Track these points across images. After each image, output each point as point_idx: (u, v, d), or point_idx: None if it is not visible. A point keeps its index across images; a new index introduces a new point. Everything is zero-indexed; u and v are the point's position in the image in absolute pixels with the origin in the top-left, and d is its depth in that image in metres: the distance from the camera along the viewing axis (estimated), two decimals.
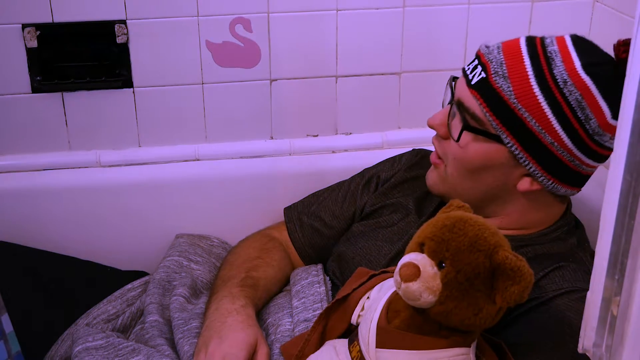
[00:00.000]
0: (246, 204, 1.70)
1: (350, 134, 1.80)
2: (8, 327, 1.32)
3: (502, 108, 1.19)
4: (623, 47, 1.17)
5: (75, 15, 1.59)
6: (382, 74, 1.76)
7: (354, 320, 1.14)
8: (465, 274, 0.98)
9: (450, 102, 1.27)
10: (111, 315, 1.45)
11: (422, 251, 1.02)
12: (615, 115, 1.19)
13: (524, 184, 1.24)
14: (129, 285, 1.52)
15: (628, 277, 0.73)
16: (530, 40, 1.23)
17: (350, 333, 1.14)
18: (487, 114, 1.20)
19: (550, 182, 1.23)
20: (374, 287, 1.16)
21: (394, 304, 1.07)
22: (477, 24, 1.74)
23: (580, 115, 1.18)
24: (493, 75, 1.20)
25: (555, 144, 1.19)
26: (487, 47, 1.25)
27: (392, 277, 1.16)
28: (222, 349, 1.20)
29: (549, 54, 1.20)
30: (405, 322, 1.04)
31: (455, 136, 1.24)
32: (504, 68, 1.20)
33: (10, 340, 1.31)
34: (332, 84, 1.75)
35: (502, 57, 1.21)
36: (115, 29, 1.61)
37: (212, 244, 1.66)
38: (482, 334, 1.09)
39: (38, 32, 1.59)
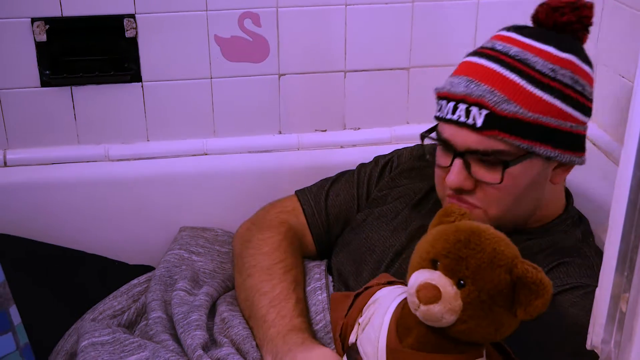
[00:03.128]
0: (254, 199, 1.69)
1: (359, 129, 1.80)
2: (16, 319, 1.32)
3: (523, 128, 1.18)
4: (558, 11, 1.23)
5: (84, 9, 1.60)
6: (391, 69, 1.76)
7: (352, 340, 1.10)
8: (487, 292, 0.94)
9: (458, 155, 1.22)
10: (117, 310, 1.44)
11: (435, 268, 0.97)
12: (592, 68, 1.26)
13: (559, 175, 1.27)
14: (135, 281, 1.51)
15: (637, 274, 0.73)
16: (487, 57, 1.23)
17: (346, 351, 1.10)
18: (515, 142, 1.18)
19: (579, 159, 1.26)
20: (364, 305, 1.11)
21: (403, 321, 1.02)
22: (486, 19, 1.73)
23: (578, 88, 1.22)
24: (496, 105, 1.17)
25: (573, 125, 1.22)
26: (456, 88, 1.22)
27: (379, 289, 1.12)
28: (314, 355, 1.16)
29: (517, 58, 1.21)
30: (419, 340, 1.00)
31: (496, 179, 1.20)
32: (498, 93, 1.18)
33: (18, 332, 1.32)
34: (341, 79, 1.75)
35: (485, 86, 1.19)
36: (124, 23, 1.61)
37: (216, 234, 1.65)
38: None
39: (47, 26, 1.59)
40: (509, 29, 1.27)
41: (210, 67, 1.68)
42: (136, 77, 1.66)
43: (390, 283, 1.14)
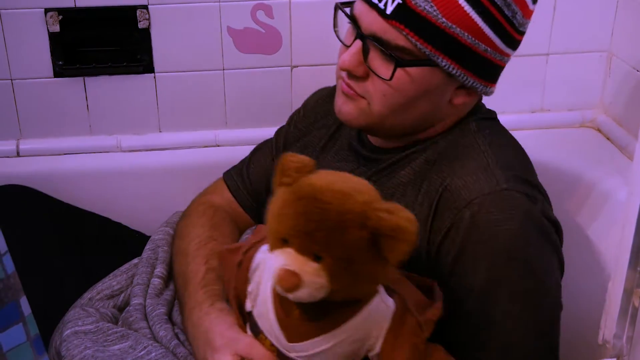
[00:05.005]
0: None
1: None
2: (26, 309, 1.33)
3: (431, 32, 1.10)
4: None
5: (97, 0, 1.60)
6: None
7: (248, 308, 1.07)
8: (346, 259, 0.90)
9: (359, 37, 1.15)
10: (115, 290, 1.42)
11: (288, 246, 0.92)
12: (534, 0, 1.16)
13: (461, 97, 1.18)
14: (136, 260, 1.47)
15: None
16: None
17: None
18: (417, 43, 1.11)
19: (487, 88, 1.18)
20: (247, 270, 1.07)
21: (282, 296, 0.97)
22: None
23: (507, 13, 1.12)
24: None
25: (489, 49, 1.14)
26: None
27: (256, 252, 1.06)
28: (220, 353, 1.11)
29: None
30: (304, 311, 0.96)
31: (386, 75, 1.13)
32: None
33: (29, 323, 1.32)
34: None
35: None
36: (137, 14, 1.62)
37: None
38: None
39: (60, 17, 1.59)
40: None
41: (222, 59, 1.68)
42: (149, 68, 1.67)
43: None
